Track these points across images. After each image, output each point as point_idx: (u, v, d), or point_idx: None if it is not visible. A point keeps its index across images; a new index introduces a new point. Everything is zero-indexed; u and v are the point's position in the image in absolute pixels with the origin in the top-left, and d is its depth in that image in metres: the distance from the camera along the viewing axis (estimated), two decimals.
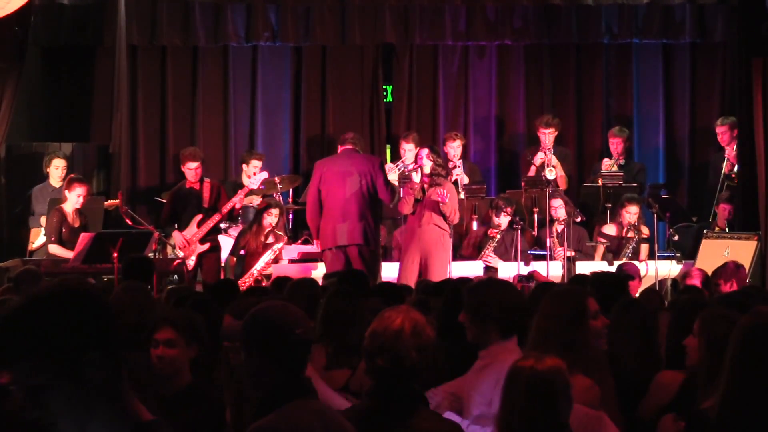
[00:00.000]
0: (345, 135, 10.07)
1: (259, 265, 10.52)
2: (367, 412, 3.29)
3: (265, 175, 10.95)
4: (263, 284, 10.23)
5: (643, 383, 4.46)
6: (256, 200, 11.29)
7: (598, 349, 3.96)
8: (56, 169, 11.16)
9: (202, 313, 4.67)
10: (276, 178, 11.31)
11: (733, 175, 11.52)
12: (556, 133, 11.96)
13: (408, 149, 11.61)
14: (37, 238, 10.84)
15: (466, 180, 11.68)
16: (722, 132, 11.80)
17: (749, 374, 2.69)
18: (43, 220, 10.82)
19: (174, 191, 10.73)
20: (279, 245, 10.59)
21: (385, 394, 3.29)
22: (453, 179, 11.33)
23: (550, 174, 11.69)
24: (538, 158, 11.80)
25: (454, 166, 11.68)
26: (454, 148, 11.80)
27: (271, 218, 10.74)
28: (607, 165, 11.87)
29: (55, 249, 10.08)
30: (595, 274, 6.45)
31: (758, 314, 2.81)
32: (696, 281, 7.82)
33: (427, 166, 9.94)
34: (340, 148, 9.95)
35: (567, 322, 3.82)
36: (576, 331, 3.84)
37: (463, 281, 6.13)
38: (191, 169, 10.46)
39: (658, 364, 4.59)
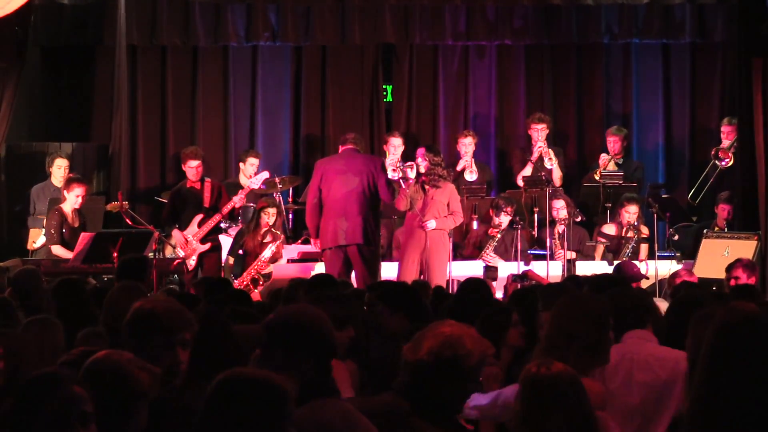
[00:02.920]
0: (346, 135, 10.07)
1: (257, 264, 10.53)
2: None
3: (266, 175, 10.96)
4: (261, 283, 10.25)
5: None
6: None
7: (606, 358, 4.00)
8: (59, 169, 11.16)
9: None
10: (276, 178, 11.31)
11: (721, 154, 11.60)
12: (548, 131, 11.97)
13: (396, 144, 11.66)
14: (38, 238, 10.85)
15: (474, 178, 11.70)
16: (728, 131, 11.82)
17: (720, 371, 2.68)
18: (45, 220, 10.83)
19: (175, 191, 10.73)
20: (276, 244, 10.60)
21: None
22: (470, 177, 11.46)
23: (549, 164, 11.70)
24: (536, 150, 11.80)
25: (464, 165, 11.70)
26: (466, 146, 11.83)
27: (268, 218, 10.75)
28: (605, 161, 11.89)
29: (58, 250, 10.08)
30: (594, 277, 6.45)
31: (733, 311, 2.79)
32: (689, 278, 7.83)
33: (422, 164, 9.94)
34: (341, 149, 9.95)
35: (594, 326, 3.83)
36: (601, 335, 3.86)
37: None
38: (192, 167, 10.45)
39: None
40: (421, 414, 3.30)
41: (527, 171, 11.77)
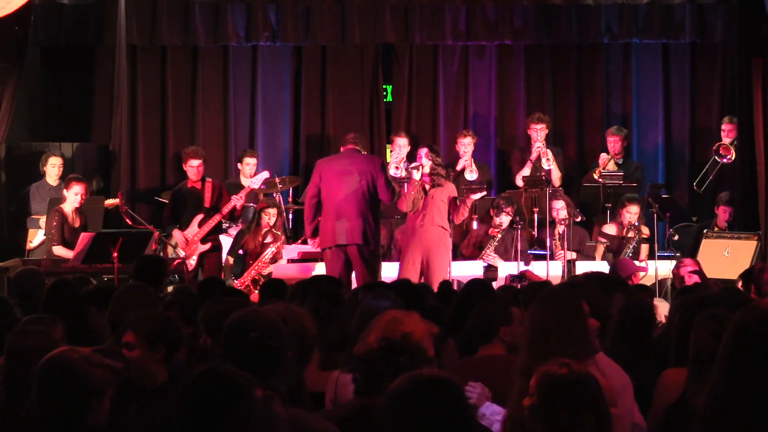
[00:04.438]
0: (347, 136, 10.06)
1: (257, 265, 10.53)
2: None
3: (266, 174, 10.95)
4: (261, 284, 10.25)
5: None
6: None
7: (590, 347, 3.98)
8: (53, 168, 11.17)
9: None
10: (276, 179, 11.32)
11: (722, 150, 11.60)
12: (547, 131, 11.97)
13: (402, 144, 11.68)
14: (35, 237, 10.85)
15: (474, 178, 11.71)
16: (728, 130, 11.82)
17: (739, 369, 2.69)
18: (41, 220, 10.83)
19: (175, 191, 10.74)
20: (276, 245, 10.60)
21: None
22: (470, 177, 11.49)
23: (546, 164, 11.70)
24: (535, 150, 11.81)
25: (464, 165, 11.72)
26: (465, 146, 11.82)
27: (269, 218, 10.75)
28: (605, 160, 11.89)
29: (59, 250, 10.06)
30: (587, 276, 6.47)
31: (751, 310, 2.81)
32: (689, 268, 7.81)
33: (426, 165, 9.94)
34: (342, 149, 9.93)
35: (569, 319, 3.83)
36: (578, 327, 3.85)
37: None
38: (193, 167, 10.45)
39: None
40: None
41: (526, 171, 11.78)
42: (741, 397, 2.66)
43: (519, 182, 11.77)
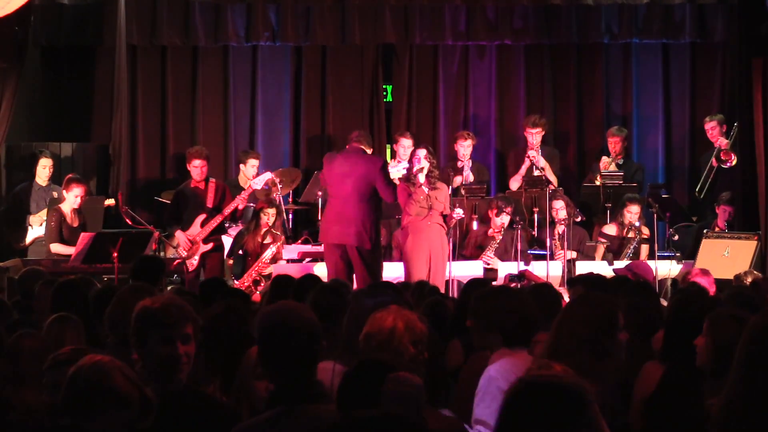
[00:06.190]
0: (351, 135, 9.92)
1: (258, 265, 10.53)
2: None
3: (269, 175, 10.91)
4: (261, 284, 10.25)
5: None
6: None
7: (618, 361, 3.95)
8: (43, 169, 11.19)
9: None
10: (276, 179, 11.29)
11: (723, 156, 11.58)
12: (543, 133, 11.97)
13: (407, 145, 11.64)
14: (26, 235, 10.88)
15: (471, 179, 11.70)
16: (711, 128, 11.86)
17: (755, 374, 2.70)
18: (32, 218, 10.87)
19: (178, 190, 10.71)
20: (276, 245, 10.59)
21: None
22: (461, 179, 11.45)
23: (537, 172, 11.70)
24: (527, 159, 11.80)
25: (462, 166, 11.71)
26: (465, 147, 11.81)
27: (267, 218, 10.74)
28: (606, 163, 11.90)
29: (57, 248, 10.10)
30: (590, 276, 6.44)
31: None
32: (699, 279, 7.77)
33: (426, 167, 9.91)
34: (347, 147, 9.80)
35: (601, 331, 3.80)
36: (608, 340, 3.82)
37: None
38: (196, 167, 10.43)
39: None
40: None
41: (518, 178, 11.80)
42: (759, 401, 2.67)
43: (513, 187, 11.77)
